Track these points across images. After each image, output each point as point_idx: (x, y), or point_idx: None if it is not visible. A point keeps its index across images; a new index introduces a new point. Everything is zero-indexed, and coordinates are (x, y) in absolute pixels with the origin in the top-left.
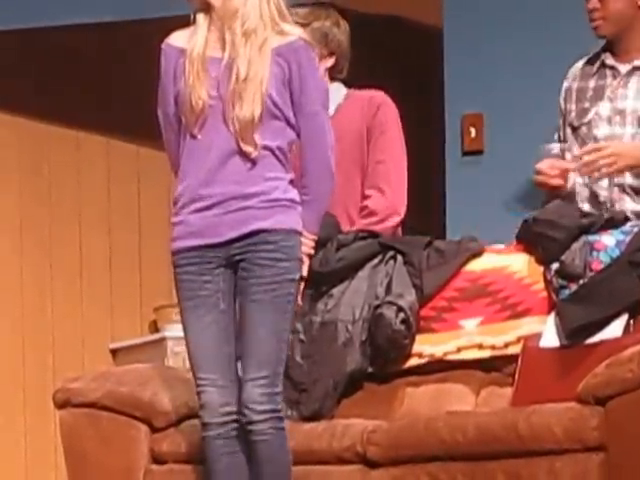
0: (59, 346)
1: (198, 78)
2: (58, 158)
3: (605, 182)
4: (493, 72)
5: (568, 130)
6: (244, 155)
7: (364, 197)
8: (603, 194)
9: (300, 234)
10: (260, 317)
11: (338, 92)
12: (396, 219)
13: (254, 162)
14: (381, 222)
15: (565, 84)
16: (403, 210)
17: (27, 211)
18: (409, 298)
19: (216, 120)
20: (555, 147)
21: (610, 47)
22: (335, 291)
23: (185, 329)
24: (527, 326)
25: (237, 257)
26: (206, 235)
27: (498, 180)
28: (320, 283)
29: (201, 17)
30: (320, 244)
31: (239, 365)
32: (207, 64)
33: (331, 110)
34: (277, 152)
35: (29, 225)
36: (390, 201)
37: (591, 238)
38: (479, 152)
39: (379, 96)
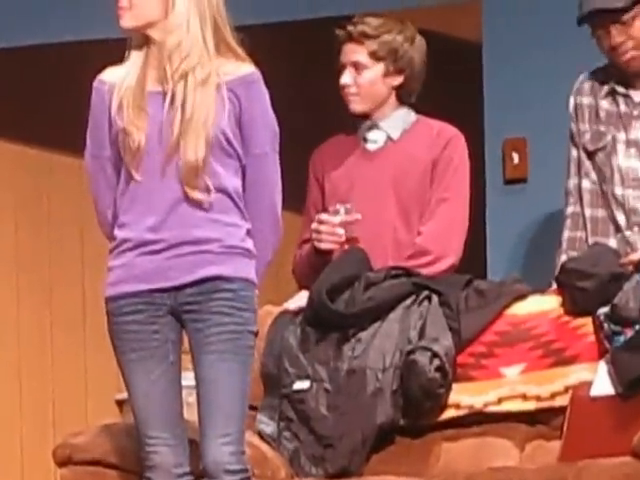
0: (60, 397)
1: (136, 116)
2: (58, 189)
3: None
4: (537, 92)
5: (582, 155)
6: (195, 200)
7: (417, 234)
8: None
9: (256, 287)
10: (223, 369)
11: (406, 117)
12: (449, 262)
13: (208, 206)
14: (432, 264)
15: (573, 100)
16: (458, 254)
17: (23, 248)
18: (445, 343)
19: (159, 163)
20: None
21: (623, 75)
22: (363, 335)
23: (130, 384)
24: (575, 374)
25: (187, 306)
26: (154, 279)
27: (544, 211)
28: (346, 326)
29: (137, 51)
30: (347, 282)
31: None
32: (146, 101)
33: (396, 135)
34: (233, 195)
35: (26, 264)
36: (447, 242)
37: None
38: (522, 180)
39: (450, 129)
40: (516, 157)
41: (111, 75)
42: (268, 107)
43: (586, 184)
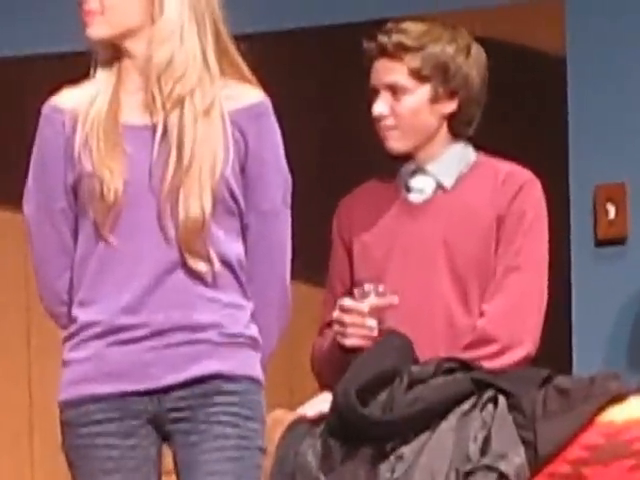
0: None
1: (110, 157)
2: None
3: None
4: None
5: None
6: (190, 271)
7: (479, 314)
8: None
9: (263, 388)
10: None
11: (463, 156)
12: (522, 352)
13: (205, 280)
14: (499, 355)
15: None
16: (535, 341)
17: None
18: (516, 460)
19: (144, 220)
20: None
21: None
22: (406, 450)
23: None
24: None
25: (175, 413)
26: (131, 378)
27: None
28: (384, 438)
29: (107, 70)
30: (384, 379)
31: None
32: (123, 136)
33: (449, 182)
34: (236, 266)
35: None
36: (519, 325)
37: None
38: (621, 240)
39: (523, 174)
40: (612, 209)
41: (69, 100)
42: (281, 148)
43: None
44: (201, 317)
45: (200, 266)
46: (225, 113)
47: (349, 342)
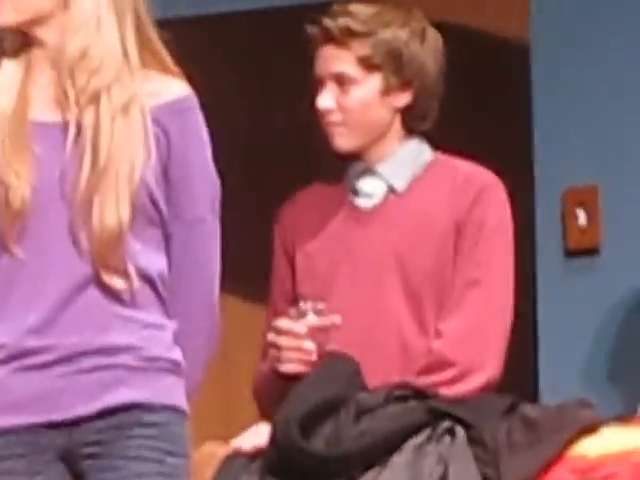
0: None
1: (16, 159)
2: None
3: None
4: (613, 118)
5: None
6: (105, 287)
7: (435, 334)
8: None
9: (187, 418)
10: None
11: (417, 155)
12: (483, 377)
13: (122, 298)
14: (457, 380)
15: None
16: (498, 366)
17: None
18: None
19: (53, 230)
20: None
21: None
22: None
23: None
24: None
25: (89, 448)
26: (38, 408)
27: (626, 296)
28: (329, 475)
29: (13, 61)
30: (328, 408)
31: None
32: (30, 136)
33: (401, 184)
34: (157, 281)
35: None
36: (480, 347)
37: None
38: (593, 250)
39: (484, 175)
40: (582, 216)
41: None
42: (208, 148)
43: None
44: (117, 339)
45: (116, 282)
46: (146, 110)
47: (285, 368)
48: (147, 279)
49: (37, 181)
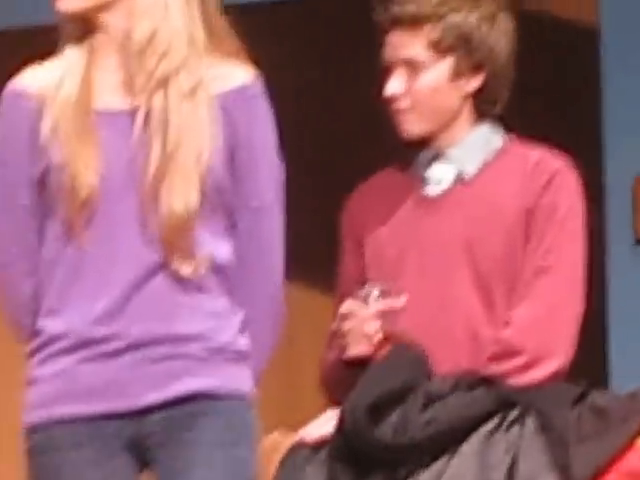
0: None
1: (82, 148)
2: None
3: None
4: None
5: None
6: (173, 275)
7: (504, 322)
8: None
9: (254, 406)
10: None
11: (488, 140)
12: (553, 365)
13: (189, 286)
14: (527, 368)
15: None
16: (569, 354)
17: None
18: None
19: (121, 218)
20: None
21: None
22: (423, 477)
23: None
24: None
25: (154, 438)
26: (106, 397)
27: None
28: (396, 463)
29: (76, 47)
30: (396, 396)
31: None
32: (97, 123)
33: (471, 170)
34: (224, 270)
35: None
36: (550, 334)
37: None
38: None
39: (555, 161)
40: None
41: (35, 82)
42: (273, 134)
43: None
44: (184, 328)
45: (184, 270)
46: (212, 95)
47: (351, 352)
48: (214, 267)
49: (104, 169)
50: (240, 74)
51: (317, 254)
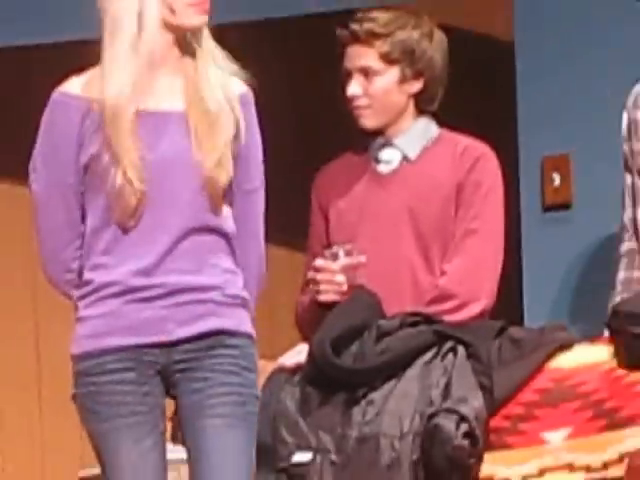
0: (12, 477)
1: (129, 139)
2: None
3: None
4: (583, 99)
5: (638, 180)
6: (199, 240)
7: (440, 273)
8: None
9: (255, 343)
10: (231, 436)
11: (426, 131)
12: (479, 307)
13: (210, 248)
14: (458, 309)
15: (626, 116)
16: (491, 297)
17: None
18: (475, 404)
19: (161, 197)
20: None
21: None
22: (376, 396)
23: (114, 456)
24: (631, 439)
25: (182, 364)
26: (147, 332)
27: (592, 243)
28: (356, 385)
29: (138, 54)
30: (355, 332)
31: None
32: (160, 120)
33: (413, 154)
34: (231, 238)
35: None
36: (476, 282)
37: None
38: (565, 206)
39: (479, 147)
40: (557, 178)
41: (81, 86)
42: (259, 133)
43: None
44: (207, 280)
45: (208, 237)
46: (231, 98)
47: (323, 297)
48: (225, 235)
49: (159, 152)
50: (238, 84)
51: (294, 221)
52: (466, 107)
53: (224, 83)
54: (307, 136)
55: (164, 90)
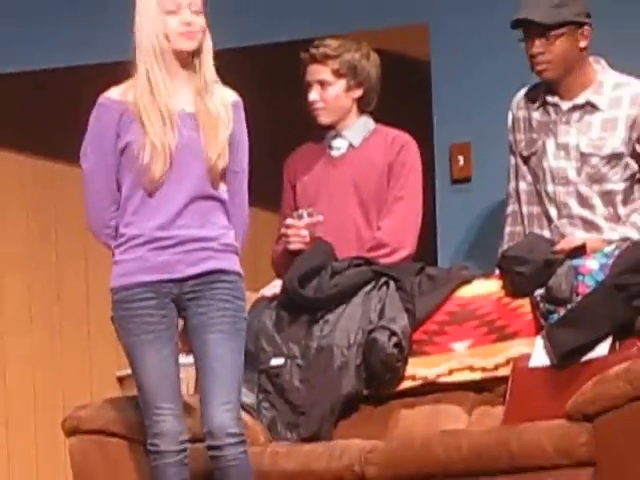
0: (68, 377)
1: (161, 130)
2: (64, 198)
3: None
4: (480, 102)
5: (519, 161)
6: (204, 204)
7: (377, 229)
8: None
9: (243, 280)
10: (227, 346)
11: (365, 125)
12: (405, 253)
13: (211, 210)
14: (390, 255)
15: (510, 115)
16: (413, 246)
17: (34, 249)
18: (402, 322)
19: (177, 174)
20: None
21: (551, 86)
22: (330, 317)
23: (142, 361)
24: (516, 348)
25: (190, 294)
26: (164, 271)
27: (487, 207)
28: (315, 309)
29: (164, 69)
30: (315, 271)
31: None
32: (171, 117)
33: (357, 142)
34: (226, 204)
35: (36, 263)
36: (403, 235)
37: (576, 263)
38: (467, 180)
39: (404, 136)
40: (461, 159)
41: (119, 93)
42: (246, 131)
43: (523, 186)
44: (209, 233)
45: (209, 203)
46: (227, 104)
47: (292, 246)
48: (222, 202)
49: (179, 143)
50: (231, 94)
51: (271, 192)
52: (394, 108)
53: (221, 93)
54: (279, 131)
55: (179, 95)
